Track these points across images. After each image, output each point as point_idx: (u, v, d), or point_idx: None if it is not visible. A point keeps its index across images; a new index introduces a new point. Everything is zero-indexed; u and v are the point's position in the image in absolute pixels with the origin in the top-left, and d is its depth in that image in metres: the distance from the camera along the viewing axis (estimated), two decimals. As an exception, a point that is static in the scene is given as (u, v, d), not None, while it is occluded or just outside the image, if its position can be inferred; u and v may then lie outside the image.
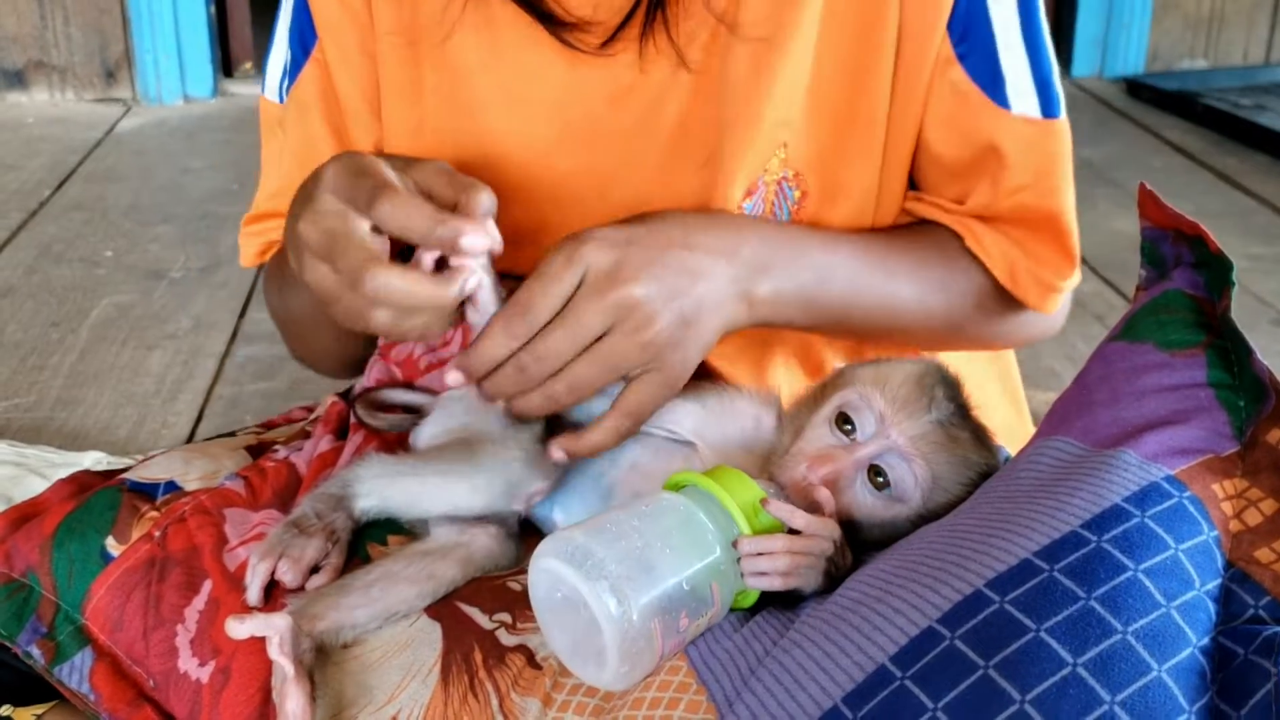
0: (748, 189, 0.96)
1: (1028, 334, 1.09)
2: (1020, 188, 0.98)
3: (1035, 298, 1.00)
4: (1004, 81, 0.96)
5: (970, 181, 0.99)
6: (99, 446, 1.72)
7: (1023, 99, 0.97)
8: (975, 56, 0.96)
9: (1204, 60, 3.92)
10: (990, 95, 0.96)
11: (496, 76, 0.97)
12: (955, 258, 1.01)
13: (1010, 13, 0.95)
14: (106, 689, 0.82)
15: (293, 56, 1.04)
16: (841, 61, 0.95)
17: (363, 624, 0.80)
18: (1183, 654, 0.61)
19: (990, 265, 1.00)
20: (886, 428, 0.80)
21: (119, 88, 3.46)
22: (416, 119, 1.01)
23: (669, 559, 0.71)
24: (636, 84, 0.96)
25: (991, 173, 0.98)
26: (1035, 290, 1.00)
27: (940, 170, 1.00)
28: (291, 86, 1.04)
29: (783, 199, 0.98)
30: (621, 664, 0.68)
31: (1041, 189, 0.98)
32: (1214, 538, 0.66)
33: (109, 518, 0.88)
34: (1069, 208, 1.00)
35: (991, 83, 0.96)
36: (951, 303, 1.00)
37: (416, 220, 0.76)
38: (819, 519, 0.76)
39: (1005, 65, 0.96)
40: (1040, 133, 0.97)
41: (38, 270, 2.33)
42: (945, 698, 0.61)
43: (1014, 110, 0.96)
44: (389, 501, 0.86)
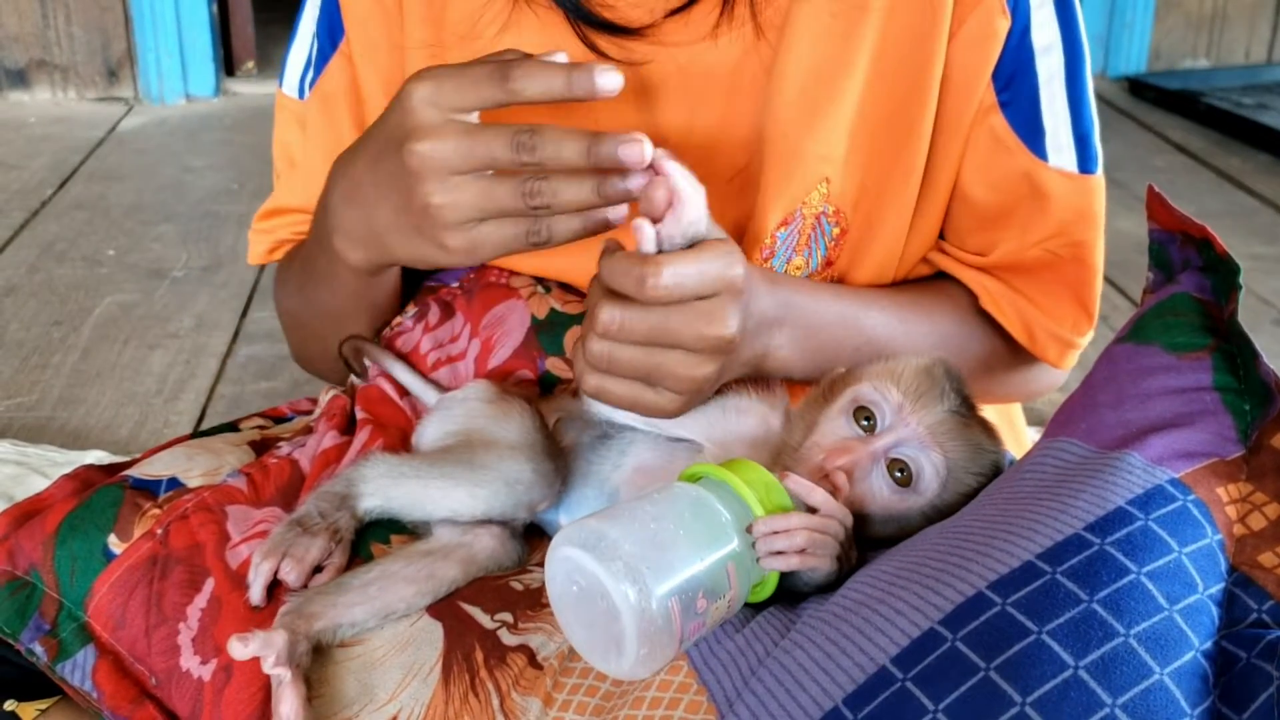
0: (784, 219, 0.97)
1: (1035, 388, 1.10)
2: (1048, 238, 0.99)
3: (1054, 355, 1.02)
4: (1044, 134, 0.97)
5: (998, 231, 1.00)
6: (101, 446, 1.72)
7: (1061, 153, 0.98)
8: (1017, 105, 0.97)
9: (1206, 59, 3.92)
10: (1029, 145, 0.97)
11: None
12: (970, 318, 1.02)
13: (1056, 66, 0.96)
14: (109, 687, 0.82)
15: (319, 48, 1.04)
16: (888, 102, 0.95)
17: (361, 622, 0.81)
18: (1185, 657, 0.61)
19: (1007, 325, 1.01)
20: (904, 418, 0.80)
21: (121, 87, 3.46)
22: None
23: (684, 541, 0.70)
24: (672, 90, 0.97)
25: (1021, 221, 0.99)
26: (1054, 348, 1.01)
27: (972, 217, 1.01)
28: (318, 79, 1.04)
29: (820, 234, 0.99)
30: (640, 647, 0.67)
31: (1070, 242, 0.99)
32: (1218, 541, 0.66)
33: (111, 515, 0.88)
34: (1096, 264, 1.01)
35: (1031, 134, 0.97)
36: (967, 361, 1.00)
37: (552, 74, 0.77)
38: (834, 500, 0.76)
39: (1046, 118, 0.97)
40: (1075, 188, 0.98)
41: (40, 269, 2.33)
42: (946, 699, 0.61)
43: (1051, 163, 0.98)
44: (392, 502, 0.86)
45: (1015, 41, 0.95)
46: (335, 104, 1.04)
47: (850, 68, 0.93)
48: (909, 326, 0.98)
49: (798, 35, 0.93)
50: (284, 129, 1.10)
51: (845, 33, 0.93)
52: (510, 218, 0.80)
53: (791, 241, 0.98)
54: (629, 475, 0.88)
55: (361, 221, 0.88)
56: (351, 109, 1.04)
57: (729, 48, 0.96)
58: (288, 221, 1.10)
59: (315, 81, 1.05)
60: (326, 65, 1.04)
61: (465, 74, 0.79)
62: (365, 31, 1.01)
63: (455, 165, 0.78)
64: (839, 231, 0.99)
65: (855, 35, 0.93)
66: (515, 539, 0.88)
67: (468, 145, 0.78)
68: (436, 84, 0.79)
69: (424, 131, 0.79)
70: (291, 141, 1.10)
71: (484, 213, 0.80)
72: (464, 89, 0.78)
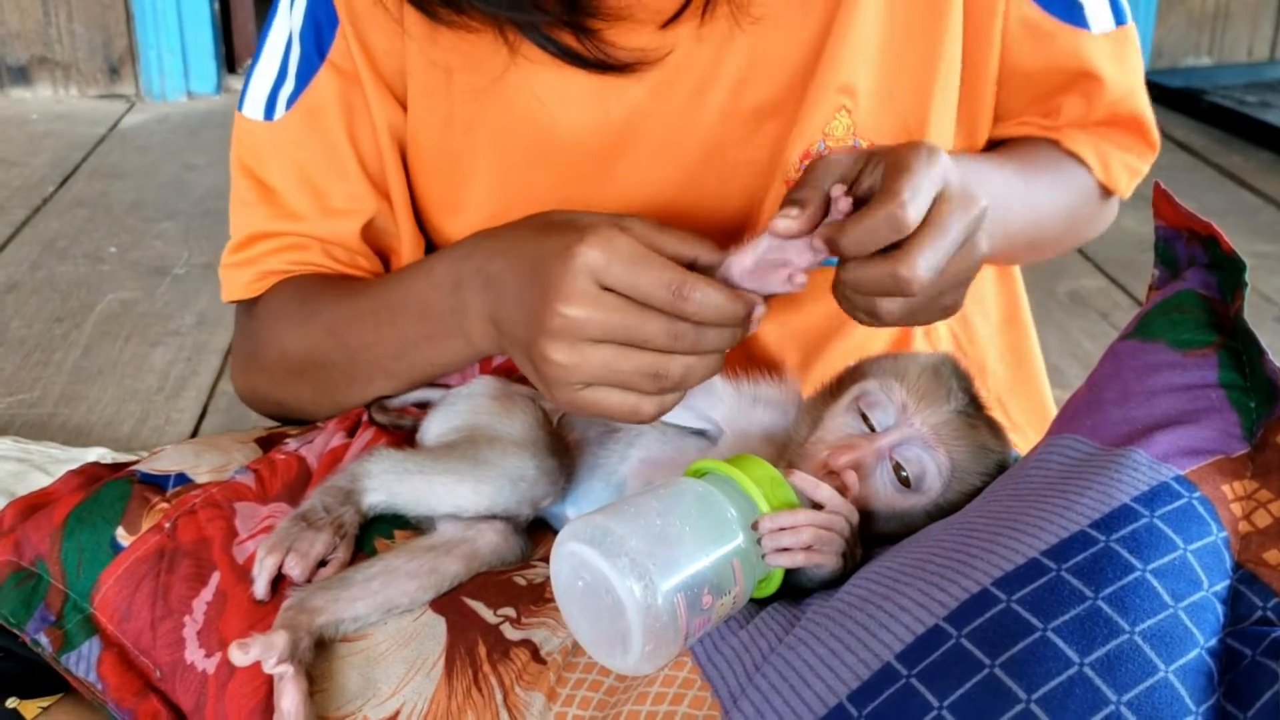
0: (806, 151, 0.97)
1: (1099, 227, 1.16)
2: (1115, 100, 1.04)
3: (1125, 183, 1.09)
4: (1080, 7, 1.01)
5: (1057, 99, 1.05)
6: (102, 442, 1.72)
7: (1099, 17, 1.02)
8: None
9: (1209, 57, 3.92)
10: (1069, 21, 1.01)
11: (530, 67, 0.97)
12: (1062, 161, 1.07)
13: None
14: (113, 679, 0.82)
15: (304, 59, 1.02)
16: (909, 27, 0.97)
17: (363, 617, 0.81)
18: (1190, 655, 0.61)
19: (1088, 160, 1.06)
20: (909, 417, 0.80)
21: (123, 84, 3.46)
22: (444, 111, 1.00)
23: (689, 536, 0.70)
24: (682, 68, 0.97)
25: (1083, 90, 1.04)
26: (1125, 176, 1.08)
27: (1027, 93, 1.05)
28: (302, 93, 1.02)
29: None
30: (646, 642, 0.67)
31: (1129, 94, 1.05)
32: (1223, 539, 0.66)
33: (119, 508, 0.88)
34: (1147, 102, 1.07)
35: (1068, 9, 1.01)
36: (1073, 202, 1.08)
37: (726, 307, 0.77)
38: (840, 497, 0.76)
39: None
40: (1120, 42, 1.03)
41: (42, 266, 2.33)
42: (951, 696, 0.61)
43: (1094, 29, 1.02)
44: (397, 498, 0.86)
45: None
46: (325, 116, 1.02)
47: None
48: (1032, 184, 1.04)
49: None
50: (247, 155, 1.07)
51: None
52: (620, 388, 0.79)
53: None
54: (636, 467, 0.88)
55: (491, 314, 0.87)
56: (344, 119, 1.02)
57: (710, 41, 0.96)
58: (272, 248, 1.05)
59: (298, 95, 1.02)
60: (313, 78, 1.02)
61: (642, 267, 0.77)
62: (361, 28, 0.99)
63: (592, 335, 0.77)
64: None
65: None
66: (518, 534, 0.88)
67: (616, 320, 0.77)
68: (608, 261, 0.76)
69: (575, 298, 0.77)
70: (258, 166, 1.06)
71: (601, 381, 0.79)
72: (635, 280, 0.77)
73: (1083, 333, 2.14)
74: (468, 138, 1.01)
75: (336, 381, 1.00)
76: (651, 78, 0.96)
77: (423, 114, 1.01)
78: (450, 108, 1.00)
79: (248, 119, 1.05)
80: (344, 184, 1.03)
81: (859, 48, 0.95)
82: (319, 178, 1.03)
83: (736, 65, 0.97)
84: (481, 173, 1.02)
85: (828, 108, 0.96)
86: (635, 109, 0.98)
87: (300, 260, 1.05)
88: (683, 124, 0.98)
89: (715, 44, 0.96)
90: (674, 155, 0.99)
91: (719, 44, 0.96)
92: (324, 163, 1.03)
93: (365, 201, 1.04)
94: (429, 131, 1.01)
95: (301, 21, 1.02)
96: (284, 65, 1.04)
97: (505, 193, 1.02)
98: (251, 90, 1.05)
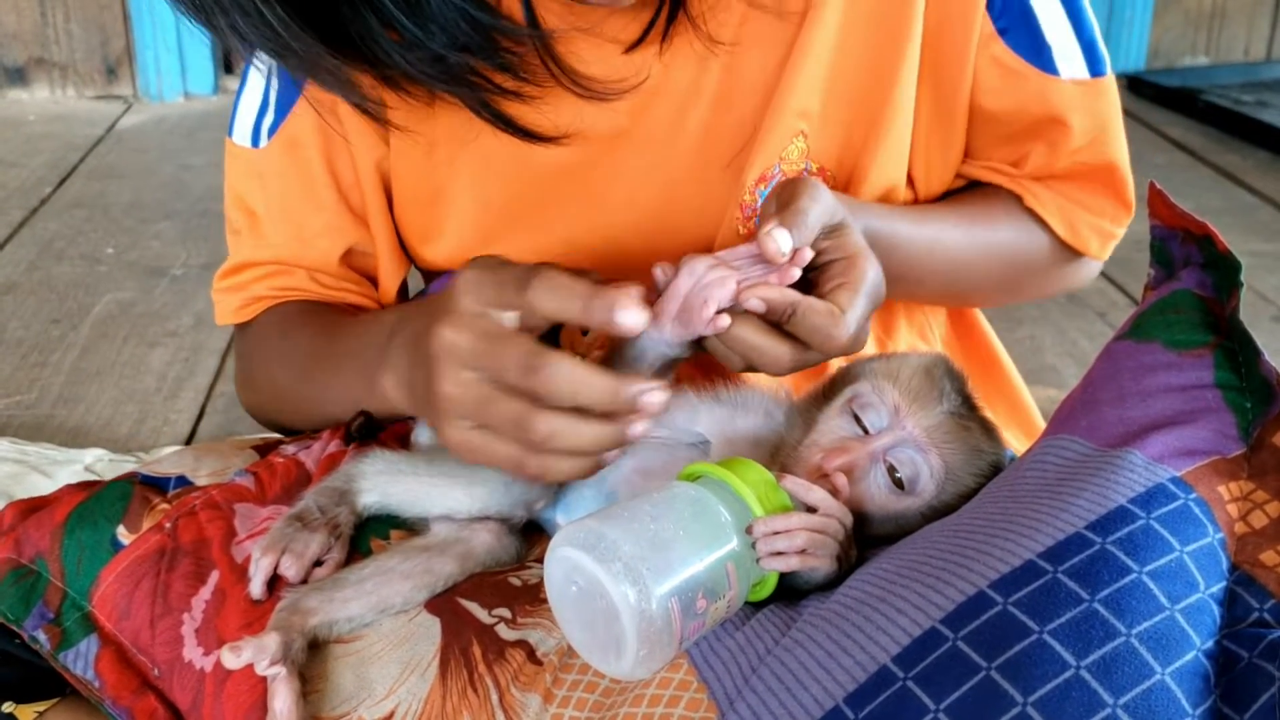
0: (762, 175, 0.97)
1: (1076, 281, 1.14)
2: (1078, 149, 1.02)
3: (1095, 247, 1.06)
4: (1049, 49, 0.99)
5: (1026, 145, 1.03)
6: (100, 444, 1.72)
7: (1070, 63, 1.00)
8: (1016, 30, 0.98)
9: (1205, 57, 3.92)
10: (1037, 65, 0.99)
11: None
12: (1017, 219, 1.05)
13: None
14: (111, 676, 0.82)
15: (282, 90, 1.02)
16: (864, 54, 0.96)
17: (357, 617, 0.81)
18: (1186, 657, 0.61)
19: (1050, 221, 1.04)
20: (901, 419, 0.80)
21: (120, 85, 3.46)
22: (428, 141, 1.00)
23: (683, 540, 0.70)
24: (660, 89, 0.97)
25: (1049, 137, 1.02)
26: (1095, 240, 1.06)
27: (996, 134, 1.03)
28: (281, 123, 1.02)
29: None
30: (640, 647, 0.67)
31: (1098, 147, 1.03)
32: (1219, 540, 0.66)
33: (121, 507, 0.88)
34: (1124, 157, 1.05)
35: (1036, 53, 0.99)
36: (1020, 258, 1.06)
37: (571, 297, 0.73)
38: (833, 500, 0.76)
39: (1048, 33, 0.99)
40: (1092, 92, 1.01)
41: (39, 267, 2.33)
42: (947, 699, 0.60)
43: (1063, 76, 1.00)
44: (391, 499, 0.86)
45: None
46: (304, 147, 1.02)
47: (819, 16, 0.94)
48: (974, 236, 1.02)
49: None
50: (237, 180, 1.07)
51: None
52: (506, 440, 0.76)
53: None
54: (627, 475, 0.88)
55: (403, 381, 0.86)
56: (323, 150, 1.02)
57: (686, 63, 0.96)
58: (258, 275, 1.07)
59: (278, 126, 1.03)
60: (293, 108, 1.02)
61: (501, 274, 0.76)
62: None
63: (468, 362, 0.75)
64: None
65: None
66: (513, 535, 0.88)
67: (482, 348, 0.75)
68: (479, 275, 0.76)
69: (453, 319, 0.76)
70: (246, 193, 1.07)
71: (479, 421, 0.76)
72: (496, 288, 0.76)
73: (1080, 332, 2.14)
74: (450, 167, 1.01)
75: (314, 412, 1.02)
76: (631, 100, 0.96)
77: (405, 144, 1.01)
78: (433, 136, 1.00)
79: (237, 145, 1.07)
80: (321, 214, 1.05)
81: (814, 72, 0.95)
82: (297, 208, 1.04)
83: (714, 86, 0.97)
84: (462, 200, 1.02)
85: (786, 131, 0.96)
86: (618, 134, 0.98)
87: (285, 286, 1.07)
88: (663, 147, 0.99)
89: (693, 66, 0.96)
90: (655, 180, 0.99)
91: (696, 66, 0.96)
92: (302, 193, 1.04)
93: (344, 231, 1.06)
94: (410, 160, 1.01)
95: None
96: (265, 94, 1.04)
97: (486, 218, 1.02)
98: (239, 118, 1.07)
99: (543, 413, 0.73)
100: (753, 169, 0.97)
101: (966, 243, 1.01)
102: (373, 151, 1.02)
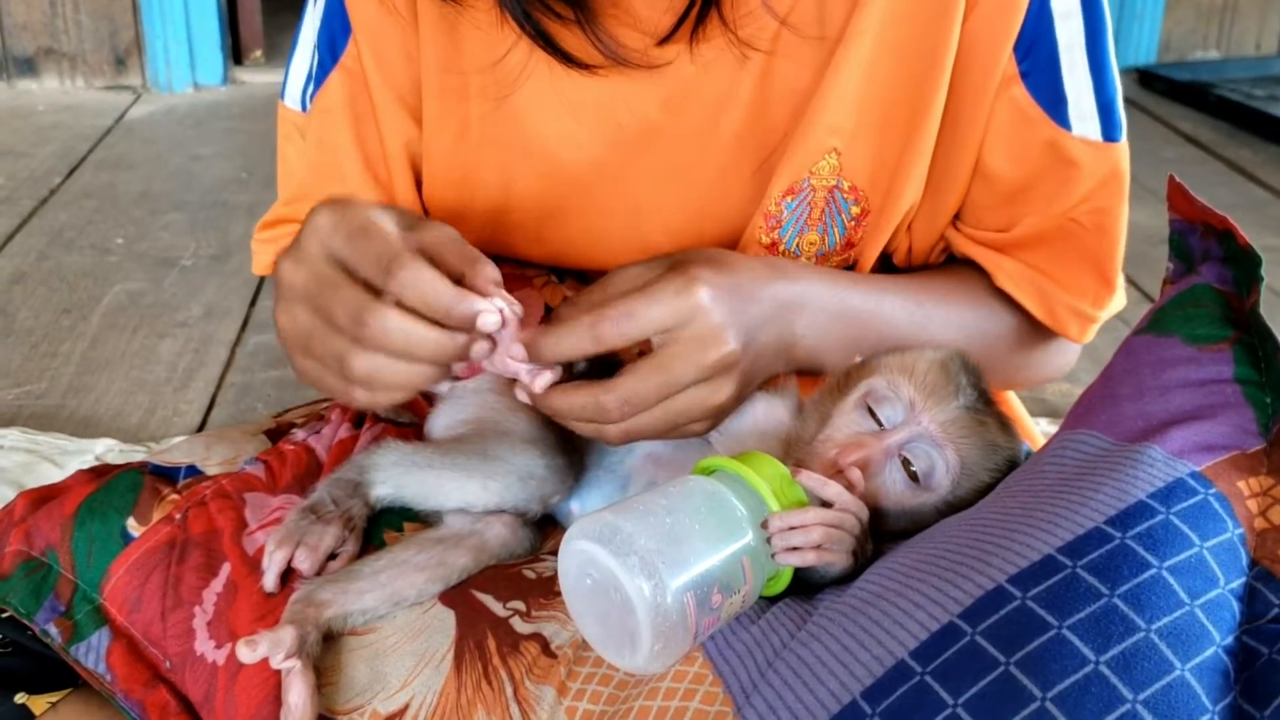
0: (789, 187, 0.96)
1: (1056, 365, 1.09)
2: (1072, 207, 0.97)
3: (1075, 330, 1.01)
4: (1066, 102, 0.96)
5: (1021, 206, 0.99)
6: (110, 434, 1.72)
7: (1085, 121, 0.96)
8: (1038, 75, 0.95)
9: (1216, 51, 3.91)
10: (1051, 115, 0.96)
11: (546, 78, 0.96)
12: (986, 299, 1.01)
13: (1077, 34, 0.95)
14: (122, 669, 0.82)
15: (319, 61, 1.02)
16: (900, 76, 0.94)
17: (372, 610, 0.81)
18: (1206, 653, 0.60)
19: (1024, 302, 1.00)
20: (917, 414, 0.80)
21: (129, 75, 3.46)
22: (459, 121, 1.00)
23: (698, 534, 0.70)
24: (695, 87, 0.96)
25: (1046, 194, 0.98)
26: (1075, 323, 1.00)
27: (994, 193, 0.99)
28: (316, 94, 1.02)
29: (836, 210, 0.98)
30: (655, 641, 0.67)
31: (1094, 209, 0.98)
32: (1239, 535, 0.65)
33: (130, 499, 0.88)
34: (1119, 232, 1.00)
35: (1053, 103, 0.95)
36: (987, 344, 1.00)
37: (437, 295, 0.71)
38: (848, 494, 0.76)
39: (1068, 86, 0.95)
40: (1100, 157, 0.97)
41: (49, 257, 2.33)
42: (965, 694, 0.60)
43: (1075, 132, 0.96)
44: (404, 491, 0.86)
45: (1035, 9, 0.93)
46: (333, 119, 1.02)
47: (857, 33, 0.92)
48: (927, 311, 0.97)
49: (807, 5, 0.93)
50: (285, 141, 1.09)
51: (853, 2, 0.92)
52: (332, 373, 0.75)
53: (802, 214, 0.97)
54: (640, 462, 0.88)
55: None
56: (351, 125, 1.02)
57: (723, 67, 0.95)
58: (287, 232, 1.08)
59: (314, 96, 1.03)
60: (326, 80, 1.02)
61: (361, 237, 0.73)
62: (375, 39, 0.99)
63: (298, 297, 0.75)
64: (859, 211, 0.98)
65: (862, 3, 0.92)
66: (527, 527, 0.88)
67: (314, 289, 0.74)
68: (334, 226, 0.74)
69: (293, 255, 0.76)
70: (290, 152, 1.08)
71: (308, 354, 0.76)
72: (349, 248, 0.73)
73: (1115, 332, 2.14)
74: (479, 151, 1.01)
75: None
76: (664, 97, 0.96)
77: (437, 123, 1.00)
78: (466, 117, 0.99)
79: (286, 106, 1.08)
80: (345, 185, 1.04)
81: (849, 90, 0.93)
82: (327, 175, 1.04)
83: (748, 93, 0.96)
84: (489, 187, 1.02)
85: (818, 146, 0.95)
86: (648, 128, 0.97)
87: None
88: (692, 146, 0.98)
89: (728, 73, 0.95)
90: (682, 177, 0.99)
91: (731, 73, 0.95)
92: (330, 161, 1.03)
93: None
94: (442, 141, 1.01)
95: (319, 24, 1.02)
96: (311, 63, 1.05)
97: (512, 204, 1.02)
98: (290, 82, 1.07)
99: (363, 352, 0.72)
100: (780, 179, 0.96)
101: (911, 313, 0.97)
102: (403, 132, 1.02)
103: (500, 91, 0.97)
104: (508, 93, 0.97)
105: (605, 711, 0.72)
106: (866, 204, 0.98)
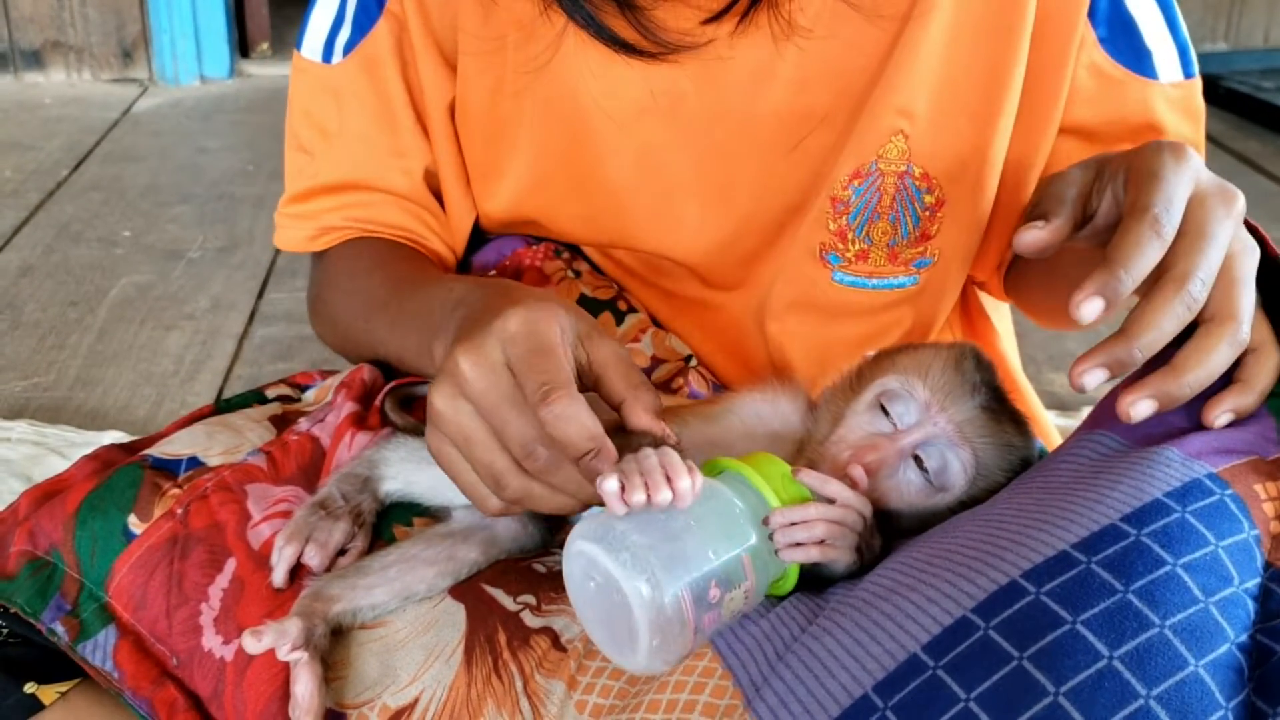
0: (856, 170, 0.95)
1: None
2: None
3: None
4: (1149, 55, 0.97)
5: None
6: (118, 426, 1.72)
7: (1167, 66, 0.98)
8: (1116, 38, 0.96)
9: (1224, 43, 3.90)
10: (1138, 71, 0.97)
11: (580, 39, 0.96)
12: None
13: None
14: (130, 667, 0.82)
15: (362, 7, 1.01)
16: (975, 58, 0.93)
17: (381, 604, 0.80)
18: (1220, 650, 0.60)
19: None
20: (932, 415, 0.78)
21: (136, 68, 3.46)
22: (495, 76, 0.99)
23: (694, 531, 0.69)
24: (727, 63, 0.95)
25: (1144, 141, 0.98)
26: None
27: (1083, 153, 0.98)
28: (359, 41, 1.01)
29: (907, 198, 0.97)
30: (652, 636, 0.67)
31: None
32: (1254, 536, 0.65)
33: (130, 495, 0.87)
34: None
35: (1137, 59, 0.96)
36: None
37: (577, 436, 0.69)
38: (850, 491, 0.75)
39: (1148, 38, 0.96)
40: (1187, 94, 1.00)
41: (56, 250, 2.34)
42: (978, 688, 0.60)
43: (1162, 79, 0.98)
44: (413, 486, 0.86)
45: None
46: (382, 67, 1.01)
47: (927, 14, 0.91)
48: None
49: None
50: (307, 98, 1.05)
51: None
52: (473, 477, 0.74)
53: (871, 200, 0.96)
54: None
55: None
56: (401, 71, 1.01)
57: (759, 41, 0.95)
58: (336, 204, 1.05)
59: (356, 44, 1.01)
60: (374, 26, 1.00)
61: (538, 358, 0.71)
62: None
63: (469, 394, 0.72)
64: (933, 201, 0.97)
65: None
66: (537, 522, 0.87)
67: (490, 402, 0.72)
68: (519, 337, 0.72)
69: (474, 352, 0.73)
70: (317, 110, 1.05)
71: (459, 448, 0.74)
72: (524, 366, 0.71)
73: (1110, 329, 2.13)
74: (515, 104, 1.00)
75: (365, 353, 1.02)
76: (697, 69, 0.95)
77: (473, 76, 1.00)
78: (502, 72, 0.99)
79: (306, 59, 1.05)
80: (399, 135, 1.03)
81: (921, 72, 0.92)
82: (375, 127, 1.03)
83: (788, 70, 0.95)
84: (524, 144, 1.01)
85: (884, 129, 0.94)
86: (679, 98, 0.97)
87: (360, 218, 1.05)
88: (725, 120, 0.97)
89: (765, 46, 0.94)
90: (714, 151, 0.98)
91: (769, 47, 0.94)
92: (380, 112, 1.02)
93: (422, 151, 1.05)
94: (479, 94, 1.00)
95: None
96: (341, 8, 1.03)
97: (543, 165, 1.01)
98: (310, 32, 1.05)
99: (522, 476, 0.72)
100: (844, 164, 0.95)
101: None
102: (443, 89, 1.01)
103: (535, 54, 0.97)
104: (545, 60, 0.96)
105: (615, 705, 0.72)
106: (941, 193, 0.97)
